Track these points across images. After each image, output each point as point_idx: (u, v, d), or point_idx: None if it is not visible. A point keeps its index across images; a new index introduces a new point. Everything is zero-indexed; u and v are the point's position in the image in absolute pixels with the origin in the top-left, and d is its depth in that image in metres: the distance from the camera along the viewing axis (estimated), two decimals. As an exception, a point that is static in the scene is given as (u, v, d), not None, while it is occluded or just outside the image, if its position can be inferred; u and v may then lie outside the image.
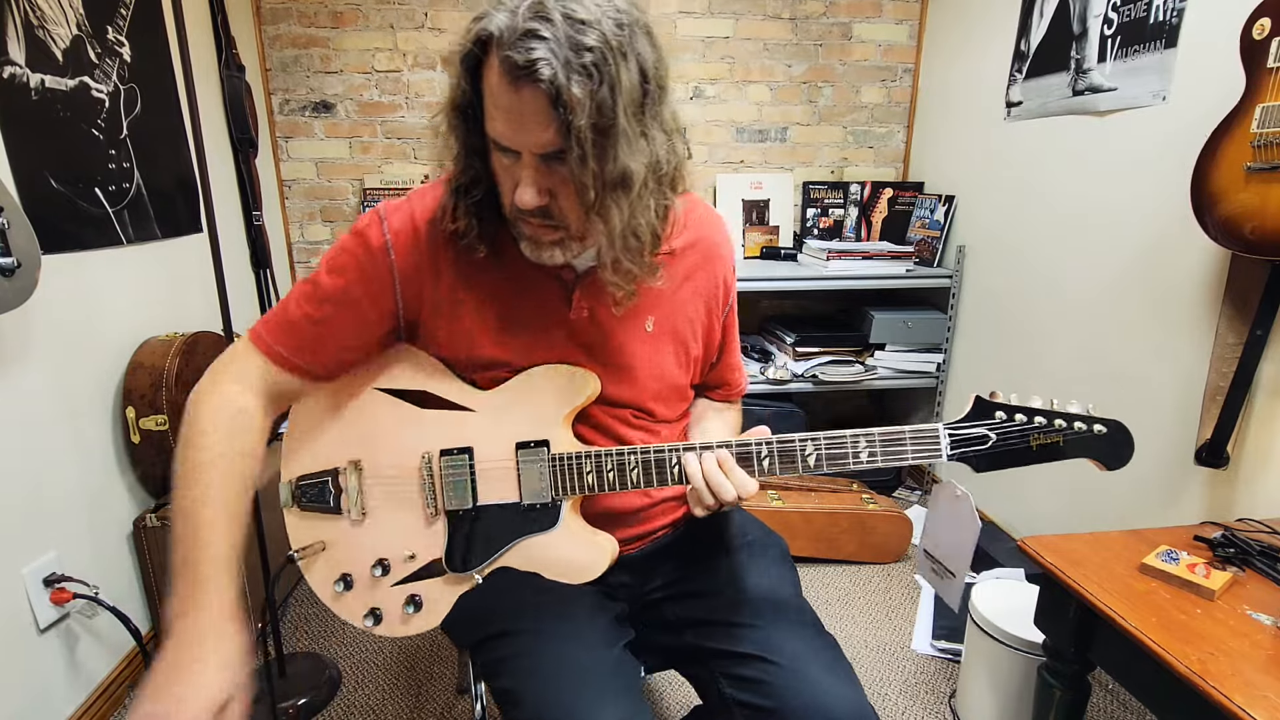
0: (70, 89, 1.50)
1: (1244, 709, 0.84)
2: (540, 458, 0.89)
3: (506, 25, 0.67)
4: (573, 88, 0.66)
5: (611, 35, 0.68)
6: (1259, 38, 1.24)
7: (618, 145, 0.71)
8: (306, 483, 0.98)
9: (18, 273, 1.22)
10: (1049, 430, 0.80)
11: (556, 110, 0.67)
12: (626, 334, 0.93)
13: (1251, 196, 1.24)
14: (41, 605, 1.40)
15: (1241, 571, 1.12)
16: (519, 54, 0.66)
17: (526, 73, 0.66)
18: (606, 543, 0.92)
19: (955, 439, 0.81)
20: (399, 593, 0.95)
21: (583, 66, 0.66)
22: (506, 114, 0.71)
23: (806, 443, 0.83)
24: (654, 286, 0.89)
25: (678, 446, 0.85)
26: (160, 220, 1.79)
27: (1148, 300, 1.67)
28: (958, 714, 1.60)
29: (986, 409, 0.81)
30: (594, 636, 0.87)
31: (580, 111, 0.67)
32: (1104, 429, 0.79)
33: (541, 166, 0.74)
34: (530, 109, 0.69)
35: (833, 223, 2.75)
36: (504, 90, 0.69)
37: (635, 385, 0.94)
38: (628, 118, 0.71)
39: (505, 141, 0.73)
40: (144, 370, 1.62)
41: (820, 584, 2.11)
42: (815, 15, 2.59)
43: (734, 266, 1.03)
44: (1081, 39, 1.84)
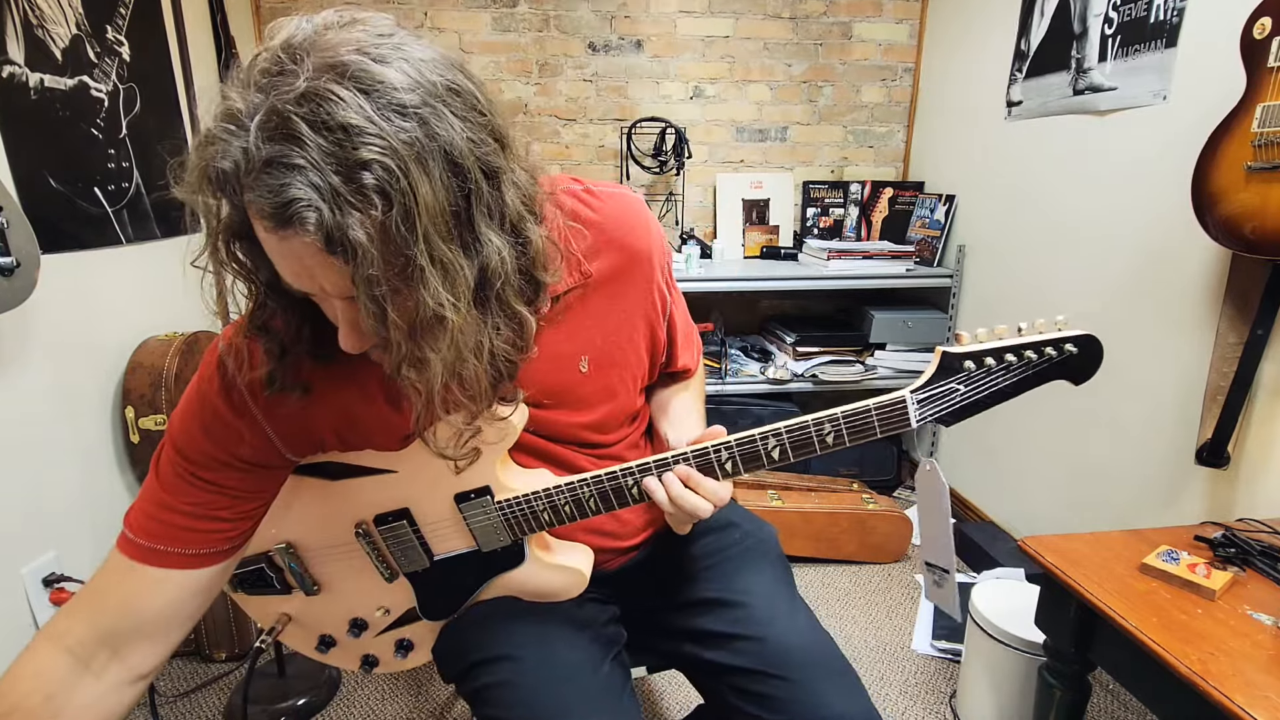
0: (69, 88, 1.50)
1: (1245, 709, 0.84)
2: (485, 507, 0.81)
3: (240, 158, 0.50)
4: (351, 230, 0.50)
5: (398, 134, 0.51)
6: (1259, 37, 1.23)
7: (423, 281, 0.54)
8: (241, 572, 0.90)
9: (17, 272, 1.22)
10: (1020, 367, 0.77)
11: (336, 258, 0.52)
12: (559, 381, 0.82)
13: (1252, 196, 1.23)
14: (41, 605, 1.40)
15: (1242, 571, 1.11)
16: (266, 197, 0.50)
17: (284, 221, 0.50)
18: (581, 558, 0.88)
19: (924, 400, 0.76)
20: (386, 640, 0.93)
21: (361, 193, 0.50)
22: (283, 262, 0.56)
23: (768, 437, 0.77)
24: (572, 325, 0.79)
25: (632, 468, 0.78)
26: (159, 220, 1.79)
27: (1148, 300, 1.67)
28: (958, 714, 1.60)
29: (953, 363, 0.76)
30: (576, 657, 0.85)
31: (365, 256, 0.51)
32: (1075, 349, 0.77)
33: (353, 307, 0.57)
34: (305, 257, 0.53)
35: (833, 222, 2.75)
36: (268, 238, 0.54)
37: (575, 420, 0.86)
38: (434, 243, 0.54)
39: (298, 286, 0.58)
40: (143, 370, 1.62)
41: (820, 584, 2.11)
42: (815, 14, 2.59)
43: (667, 258, 0.90)
44: (1082, 38, 1.84)
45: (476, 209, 0.57)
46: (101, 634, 0.73)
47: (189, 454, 0.73)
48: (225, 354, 0.71)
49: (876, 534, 2.17)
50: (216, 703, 1.61)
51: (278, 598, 0.92)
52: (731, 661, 0.86)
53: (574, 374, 0.83)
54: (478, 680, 0.84)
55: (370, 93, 0.51)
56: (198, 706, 1.60)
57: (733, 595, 0.91)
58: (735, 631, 0.88)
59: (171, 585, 0.74)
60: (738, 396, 2.47)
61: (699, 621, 0.91)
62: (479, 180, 0.57)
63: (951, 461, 2.54)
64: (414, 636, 0.93)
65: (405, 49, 0.54)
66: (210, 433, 0.72)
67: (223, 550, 0.76)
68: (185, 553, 0.73)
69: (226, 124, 0.51)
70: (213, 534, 0.74)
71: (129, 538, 0.74)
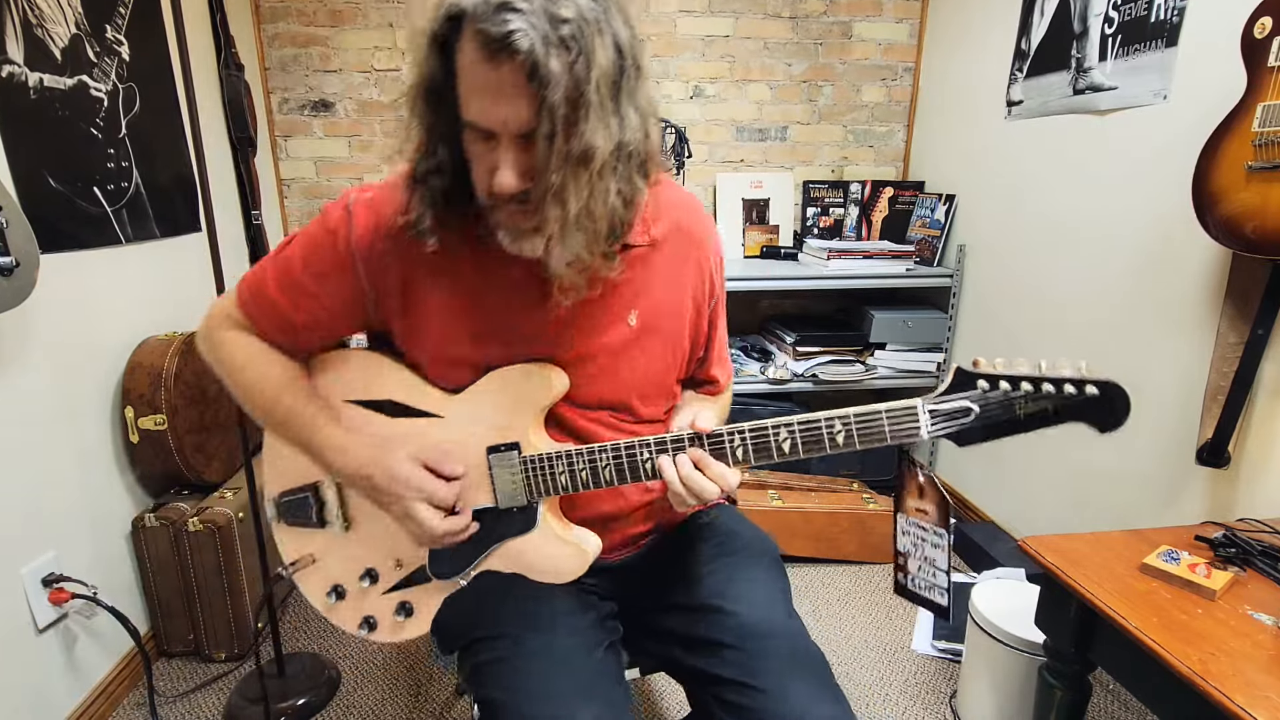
0: (69, 88, 1.50)
1: (1245, 709, 0.84)
2: (511, 461, 0.88)
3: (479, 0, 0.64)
4: (550, 61, 0.63)
5: (587, 9, 0.66)
6: (1260, 36, 1.23)
7: (587, 121, 0.67)
8: (288, 498, 0.99)
9: (16, 272, 1.21)
10: (1037, 397, 0.73)
11: (532, 85, 0.65)
12: (608, 329, 0.89)
13: (1252, 196, 1.23)
14: (40, 605, 1.40)
15: (1242, 571, 1.11)
16: (495, 26, 0.63)
17: (503, 45, 0.63)
18: (588, 541, 0.90)
19: (936, 413, 0.76)
20: (389, 600, 0.96)
21: (560, 39, 0.64)
22: (483, 92, 0.68)
23: (780, 428, 0.79)
24: (632, 278, 0.87)
25: (649, 441, 0.83)
26: (159, 219, 1.79)
27: (1149, 299, 1.66)
28: (958, 714, 1.60)
29: (968, 379, 0.75)
30: (573, 641, 0.86)
31: (555, 86, 0.64)
32: (1096, 390, 0.72)
33: (521, 147, 0.70)
34: (508, 84, 0.66)
35: (833, 222, 2.75)
36: (480, 67, 0.66)
37: (617, 382, 0.91)
38: (600, 94, 0.67)
39: (483, 122, 0.69)
40: (143, 370, 1.62)
41: (820, 584, 2.11)
42: (815, 14, 2.58)
43: (721, 256, 0.99)
44: (1082, 38, 1.84)
45: (625, 88, 0.71)
46: None
47: (293, 267, 0.88)
48: (358, 203, 0.85)
49: (876, 534, 2.17)
50: (216, 703, 1.61)
51: (311, 533, 0.99)
52: (718, 671, 0.86)
53: (623, 327, 0.90)
54: (477, 656, 0.87)
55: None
56: (197, 707, 1.60)
57: (725, 603, 0.91)
58: (723, 640, 0.87)
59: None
60: (738, 396, 2.47)
61: (689, 627, 0.91)
62: (631, 67, 0.71)
63: (952, 462, 2.53)
64: (416, 601, 0.95)
65: None
66: (313, 258, 0.87)
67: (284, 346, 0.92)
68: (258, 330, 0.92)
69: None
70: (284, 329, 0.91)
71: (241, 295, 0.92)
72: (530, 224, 0.75)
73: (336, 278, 0.86)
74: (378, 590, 0.96)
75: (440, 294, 0.86)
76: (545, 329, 0.87)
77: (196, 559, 1.65)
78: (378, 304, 0.87)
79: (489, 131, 0.70)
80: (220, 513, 1.64)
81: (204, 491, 1.75)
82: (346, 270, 0.85)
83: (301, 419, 0.89)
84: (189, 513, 1.65)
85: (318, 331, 0.91)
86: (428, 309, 0.87)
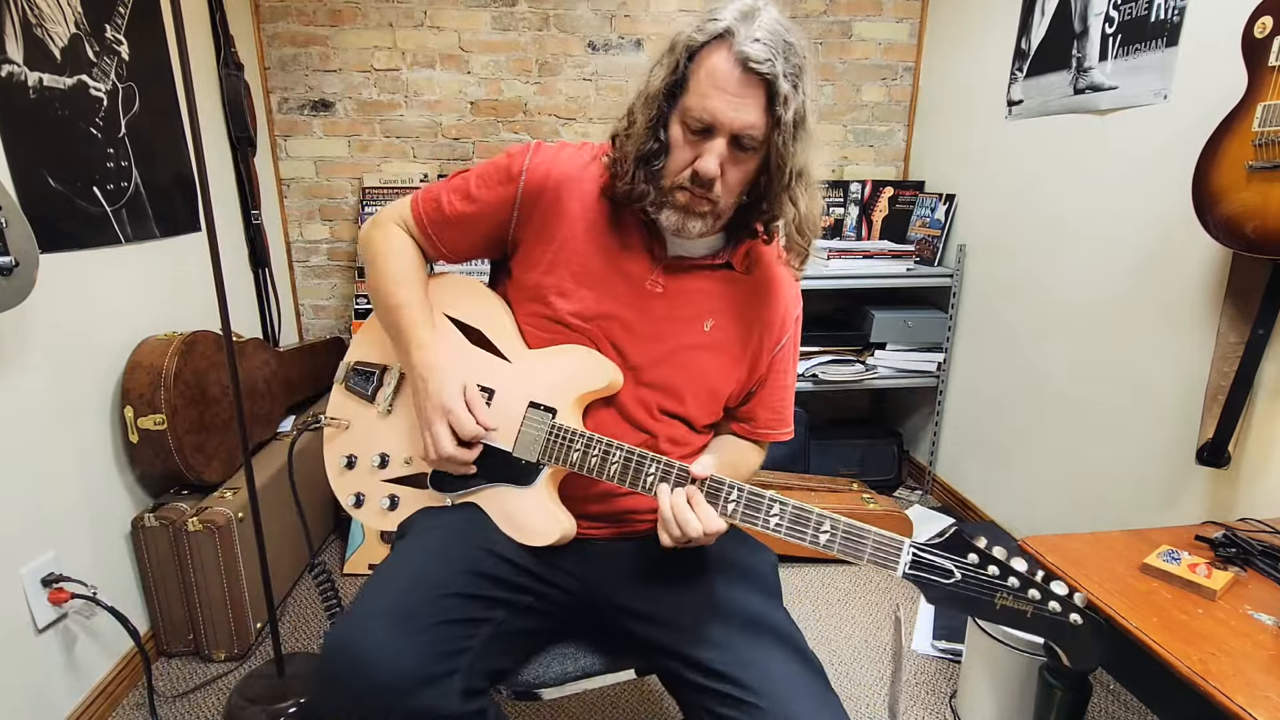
0: (68, 87, 1.49)
1: (1245, 709, 0.84)
2: (544, 421, 0.97)
3: (742, 26, 0.83)
4: (786, 88, 0.83)
5: (805, 59, 0.85)
6: (1260, 36, 1.23)
7: (806, 141, 0.88)
8: (361, 367, 1.14)
9: (16, 272, 1.21)
10: (1019, 596, 0.71)
11: (770, 103, 0.83)
12: (683, 324, 1.00)
13: (1253, 195, 1.23)
14: (39, 605, 1.40)
15: (1243, 571, 1.11)
16: (754, 49, 0.81)
17: (759, 64, 0.81)
18: (566, 520, 0.96)
19: (918, 561, 0.76)
20: (385, 488, 1.07)
21: (791, 74, 0.84)
22: (727, 95, 0.84)
23: (774, 504, 0.84)
24: (718, 293, 1.01)
25: (660, 459, 0.89)
26: (159, 219, 1.79)
27: (1149, 299, 1.66)
28: (958, 714, 1.60)
29: (961, 545, 0.74)
30: (443, 574, 0.89)
31: (787, 108, 0.83)
32: (1079, 620, 0.69)
33: (727, 149, 0.86)
34: (752, 95, 0.83)
35: (833, 222, 2.74)
36: (731, 74, 0.83)
37: (675, 371, 1.00)
38: (813, 122, 0.88)
39: (716, 117, 0.85)
40: (142, 370, 1.62)
41: (820, 584, 2.11)
42: (815, 13, 2.58)
43: (799, 312, 1.09)
44: (1082, 37, 1.84)
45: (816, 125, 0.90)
46: None
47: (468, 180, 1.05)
48: (539, 146, 1.02)
49: (876, 534, 2.17)
50: (216, 703, 1.60)
51: (357, 404, 1.13)
52: (710, 684, 0.86)
53: (698, 328, 1.01)
54: (384, 561, 0.96)
55: (795, 31, 0.86)
56: (197, 707, 1.60)
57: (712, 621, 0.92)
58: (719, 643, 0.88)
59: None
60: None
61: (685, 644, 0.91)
62: (817, 118, 0.90)
63: (953, 461, 2.53)
64: (404, 500, 1.07)
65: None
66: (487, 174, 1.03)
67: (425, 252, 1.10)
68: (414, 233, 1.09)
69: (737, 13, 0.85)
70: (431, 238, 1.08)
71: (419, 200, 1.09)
72: (703, 208, 0.91)
73: (500, 187, 1.01)
74: (381, 475, 1.08)
75: (572, 231, 0.99)
76: (634, 300, 0.99)
77: (196, 559, 1.65)
78: (520, 220, 1.01)
79: (710, 128, 0.86)
80: (220, 513, 1.64)
81: (204, 491, 1.75)
82: (511, 183, 1.00)
83: (407, 309, 1.02)
84: (189, 513, 1.65)
85: (464, 234, 1.06)
86: (556, 238, 0.99)
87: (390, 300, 1.03)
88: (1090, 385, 1.86)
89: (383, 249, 1.07)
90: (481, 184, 1.03)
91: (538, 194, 0.99)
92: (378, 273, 1.06)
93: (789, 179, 0.89)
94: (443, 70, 2.49)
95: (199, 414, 1.70)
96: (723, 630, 0.90)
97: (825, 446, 2.62)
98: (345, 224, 2.61)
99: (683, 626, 0.93)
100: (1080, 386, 1.89)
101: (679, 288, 0.99)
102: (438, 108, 2.53)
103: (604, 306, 0.98)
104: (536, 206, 1.00)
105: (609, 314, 0.98)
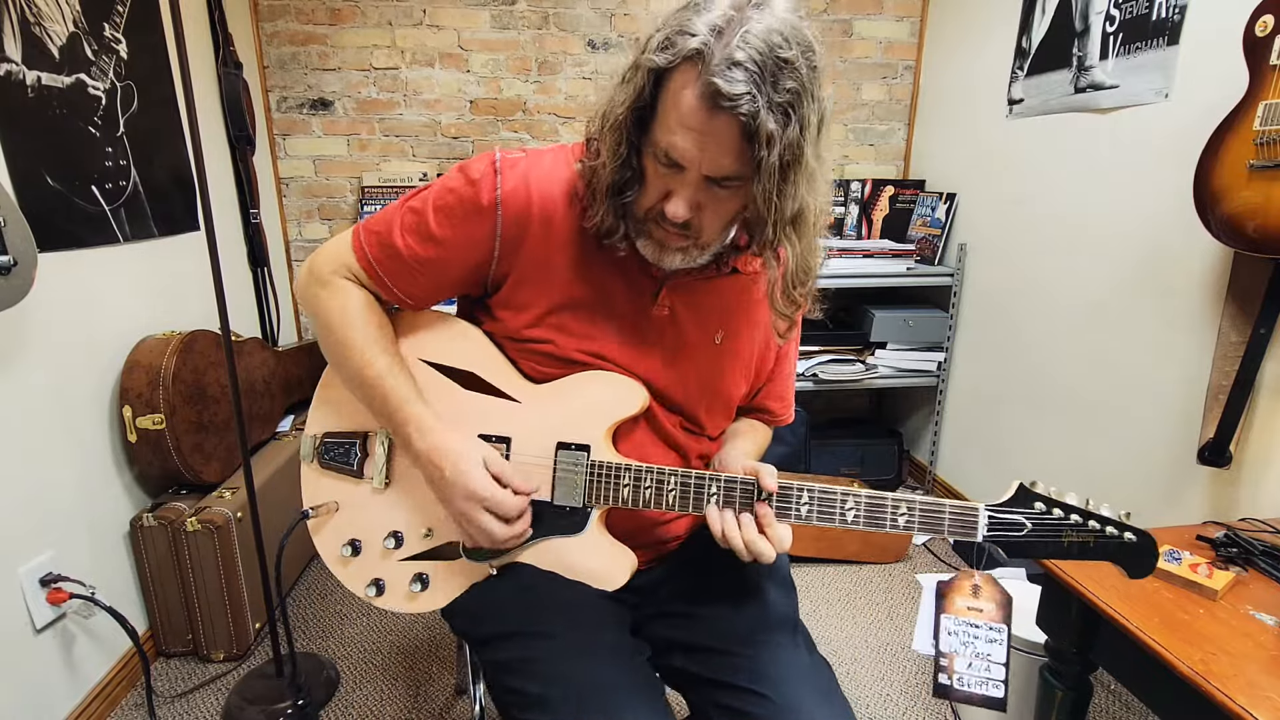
0: (67, 86, 1.49)
1: (1247, 710, 0.83)
2: (579, 462, 0.88)
3: (716, 48, 0.67)
4: (769, 124, 0.67)
5: (807, 78, 0.69)
6: (1262, 35, 1.23)
7: (799, 183, 0.73)
8: (333, 440, 0.98)
9: (14, 271, 1.21)
10: (1083, 529, 0.80)
11: (746, 142, 0.69)
12: (697, 342, 0.93)
13: (1254, 194, 1.23)
14: (38, 605, 1.39)
15: (1244, 571, 1.11)
16: (724, 82, 0.66)
17: (729, 102, 0.67)
18: (626, 558, 0.90)
19: (994, 520, 0.80)
20: (408, 568, 0.94)
21: (780, 105, 0.68)
22: (692, 133, 0.71)
23: (848, 497, 0.82)
24: (727, 303, 0.93)
25: (719, 477, 0.84)
26: (157, 218, 1.78)
27: (1150, 299, 1.66)
28: (959, 715, 1.59)
29: (1026, 497, 0.81)
30: (617, 649, 0.86)
31: (771, 148, 0.68)
32: (1134, 538, 0.80)
33: (703, 186, 0.75)
34: (720, 135, 0.70)
35: (833, 221, 2.74)
36: (698, 112, 0.69)
37: (691, 392, 0.94)
38: (810, 158, 0.73)
39: (681, 158, 0.73)
40: (141, 369, 1.62)
41: (822, 584, 2.10)
42: (816, 12, 2.58)
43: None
44: (1083, 36, 1.83)
45: (823, 151, 0.76)
46: None
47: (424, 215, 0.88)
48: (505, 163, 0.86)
49: (878, 534, 2.16)
50: (214, 703, 1.60)
51: (342, 481, 0.97)
52: (722, 677, 0.86)
53: (709, 341, 0.94)
54: (508, 650, 0.86)
55: (800, 44, 0.68)
56: (195, 707, 1.59)
57: (733, 612, 0.92)
58: (729, 648, 0.88)
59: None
60: (738, 395, 2.46)
61: (693, 635, 0.91)
62: (826, 140, 0.76)
63: (953, 460, 2.53)
64: (434, 575, 0.94)
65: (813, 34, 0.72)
66: (450, 206, 0.87)
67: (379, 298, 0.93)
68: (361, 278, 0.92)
69: (711, 26, 0.68)
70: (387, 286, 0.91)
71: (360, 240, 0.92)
72: (679, 245, 0.81)
73: (473, 223, 0.86)
74: (398, 555, 0.95)
75: (565, 267, 0.88)
76: (644, 329, 0.90)
77: (195, 559, 1.64)
78: (501, 260, 0.88)
79: (679, 164, 0.74)
80: (219, 513, 1.64)
81: (202, 491, 1.74)
82: (486, 217, 0.85)
83: (390, 381, 0.88)
84: (187, 512, 1.64)
85: (430, 281, 0.90)
86: (548, 276, 0.88)
87: (366, 373, 0.88)
88: (1091, 385, 1.86)
89: (337, 311, 0.90)
90: (444, 220, 0.86)
91: (522, 227, 0.86)
92: (340, 342, 0.90)
93: (774, 227, 0.76)
94: (442, 69, 2.49)
95: (198, 413, 1.70)
96: (732, 626, 0.90)
97: (826, 446, 2.62)
98: (344, 223, 2.60)
99: (689, 616, 0.93)
100: (1081, 386, 1.89)
101: (686, 305, 0.91)
102: (437, 107, 2.52)
103: (612, 341, 0.90)
104: (523, 241, 0.86)
105: (619, 347, 0.90)
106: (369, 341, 0.89)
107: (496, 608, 0.90)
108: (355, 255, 0.90)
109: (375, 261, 0.89)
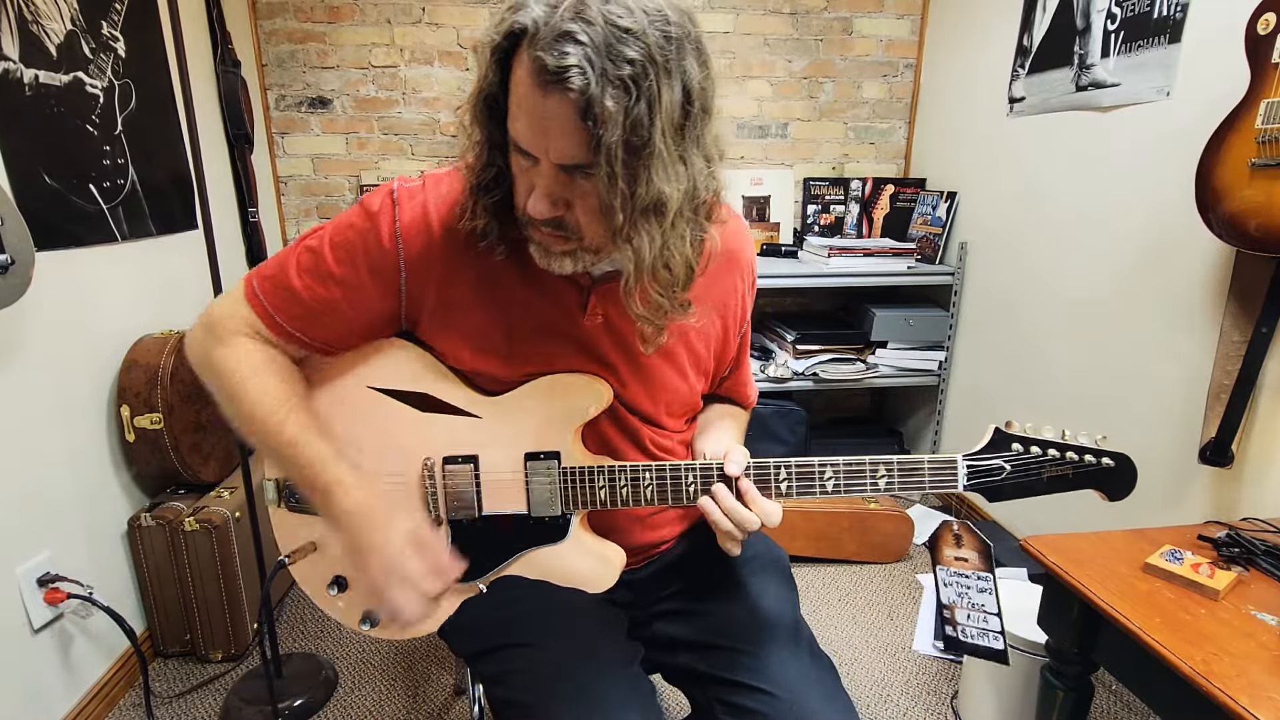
0: (64, 84, 1.49)
1: (1248, 710, 0.83)
2: (550, 470, 0.86)
3: (543, 21, 0.61)
4: (606, 100, 0.60)
5: (656, 48, 0.62)
6: (1264, 33, 1.22)
7: (651, 168, 0.65)
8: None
9: (11, 270, 1.21)
10: (1060, 463, 0.81)
11: (584, 123, 0.62)
12: (637, 350, 0.88)
13: (1256, 193, 1.22)
14: (35, 605, 1.39)
15: (1246, 571, 1.10)
16: (551, 57, 0.60)
17: (556, 78, 0.60)
18: (614, 555, 0.89)
19: (973, 469, 0.81)
20: None
21: (620, 79, 0.61)
22: (529, 117, 0.65)
23: (826, 467, 0.82)
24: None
25: (695, 467, 0.83)
26: (155, 217, 1.78)
27: (1151, 297, 1.66)
28: (960, 715, 1.59)
29: (1003, 440, 0.82)
30: (609, 655, 0.85)
31: (611, 127, 0.61)
32: (1111, 462, 0.82)
33: (560, 176, 0.68)
34: (556, 117, 0.63)
35: (834, 219, 2.73)
36: (530, 92, 0.64)
37: (647, 393, 0.91)
38: (665, 139, 0.65)
39: (524, 145, 0.68)
40: (139, 368, 1.61)
41: (821, 584, 2.10)
42: (816, 10, 2.57)
43: (755, 278, 0.98)
44: (1085, 34, 1.83)
45: (690, 134, 0.68)
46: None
47: (322, 255, 0.82)
48: (403, 193, 0.81)
49: (878, 534, 2.16)
50: (213, 704, 1.60)
51: (315, 521, 0.91)
52: (726, 674, 0.85)
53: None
54: (506, 662, 0.85)
55: (649, 13, 0.63)
56: (194, 707, 1.59)
57: (736, 609, 0.91)
58: (734, 645, 0.87)
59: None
60: (738, 395, 2.46)
61: (696, 632, 0.91)
62: (699, 111, 0.68)
63: (952, 460, 2.52)
64: None
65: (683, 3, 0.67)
66: (349, 244, 0.81)
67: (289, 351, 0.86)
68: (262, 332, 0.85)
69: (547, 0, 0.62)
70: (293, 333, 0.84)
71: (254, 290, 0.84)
72: (562, 248, 0.74)
73: (376, 263, 0.80)
74: None
75: (482, 301, 0.83)
76: (581, 341, 0.86)
77: (193, 559, 1.64)
78: (411, 296, 0.83)
79: (530, 154, 0.68)
80: (217, 512, 1.63)
81: (200, 491, 1.74)
82: (388, 256, 0.80)
83: (303, 444, 0.80)
84: (185, 512, 1.64)
85: (339, 323, 0.84)
86: (466, 305, 0.84)
87: (278, 437, 0.80)
88: (1092, 384, 1.85)
89: (235, 372, 0.82)
90: (344, 257, 0.80)
91: (426, 262, 0.81)
92: (243, 405, 0.81)
93: (624, 216, 0.67)
94: (441, 67, 2.48)
95: (196, 413, 1.69)
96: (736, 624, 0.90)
97: (826, 445, 2.61)
98: (344, 222, 2.60)
99: (690, 613, 0.93)
100: (1082, 385, 1.89)
101: (620, 310, 0.81)
102: (436, 105, 2.52)
103: (554, 359, 0.86)
104: (430, 278, 0.81)
105: (562, 364, 0.86)
106: (277, 400, 0.81)
107: (487, 622, 0.89)
108: (250, 304, 0.83)
109: (272, 309, 0.82)
